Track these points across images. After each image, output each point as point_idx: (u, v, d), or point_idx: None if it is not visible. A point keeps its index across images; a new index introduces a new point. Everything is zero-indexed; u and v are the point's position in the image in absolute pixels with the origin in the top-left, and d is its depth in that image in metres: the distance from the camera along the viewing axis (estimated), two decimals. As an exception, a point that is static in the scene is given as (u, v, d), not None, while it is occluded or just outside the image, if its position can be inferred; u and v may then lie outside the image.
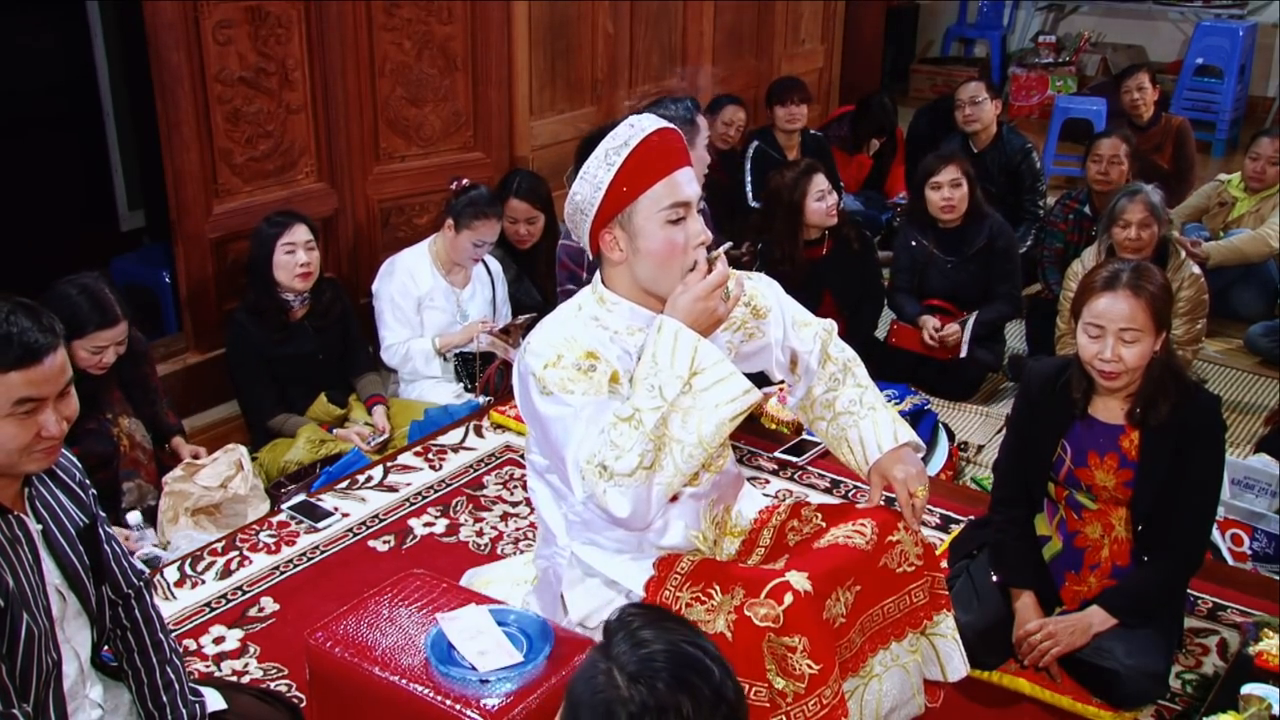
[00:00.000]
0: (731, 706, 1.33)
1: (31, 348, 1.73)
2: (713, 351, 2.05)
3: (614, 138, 2.07)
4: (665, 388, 2.01)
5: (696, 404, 2.02)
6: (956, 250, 4.44)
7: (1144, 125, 5.68)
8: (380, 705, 2.10)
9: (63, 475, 1.94)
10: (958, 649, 2.28)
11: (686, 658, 1.33)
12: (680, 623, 1.41)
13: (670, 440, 2.02)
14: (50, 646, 1.84)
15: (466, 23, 4.60)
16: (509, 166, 4.78)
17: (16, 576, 1.77)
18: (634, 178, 2.05)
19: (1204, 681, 2.67)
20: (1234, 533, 3.28)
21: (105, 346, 3.12)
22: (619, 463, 1.99)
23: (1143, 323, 2.43)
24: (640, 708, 1.29)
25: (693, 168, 2.14)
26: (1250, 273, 4.92)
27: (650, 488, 2.01)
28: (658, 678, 1.30)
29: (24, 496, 1.85)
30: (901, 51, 9.39)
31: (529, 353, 2.12)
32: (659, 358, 2.03)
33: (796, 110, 5.55)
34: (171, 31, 3.76)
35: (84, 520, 1.93)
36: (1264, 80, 8.44)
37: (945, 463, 3.75)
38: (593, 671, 1.34)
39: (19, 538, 1.80)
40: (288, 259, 3.69)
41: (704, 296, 2.04)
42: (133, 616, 2.05)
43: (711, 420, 2.02)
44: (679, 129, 2.14)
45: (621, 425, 2.01)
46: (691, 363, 2.02)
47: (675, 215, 2.07)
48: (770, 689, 1.95)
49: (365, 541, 3.17)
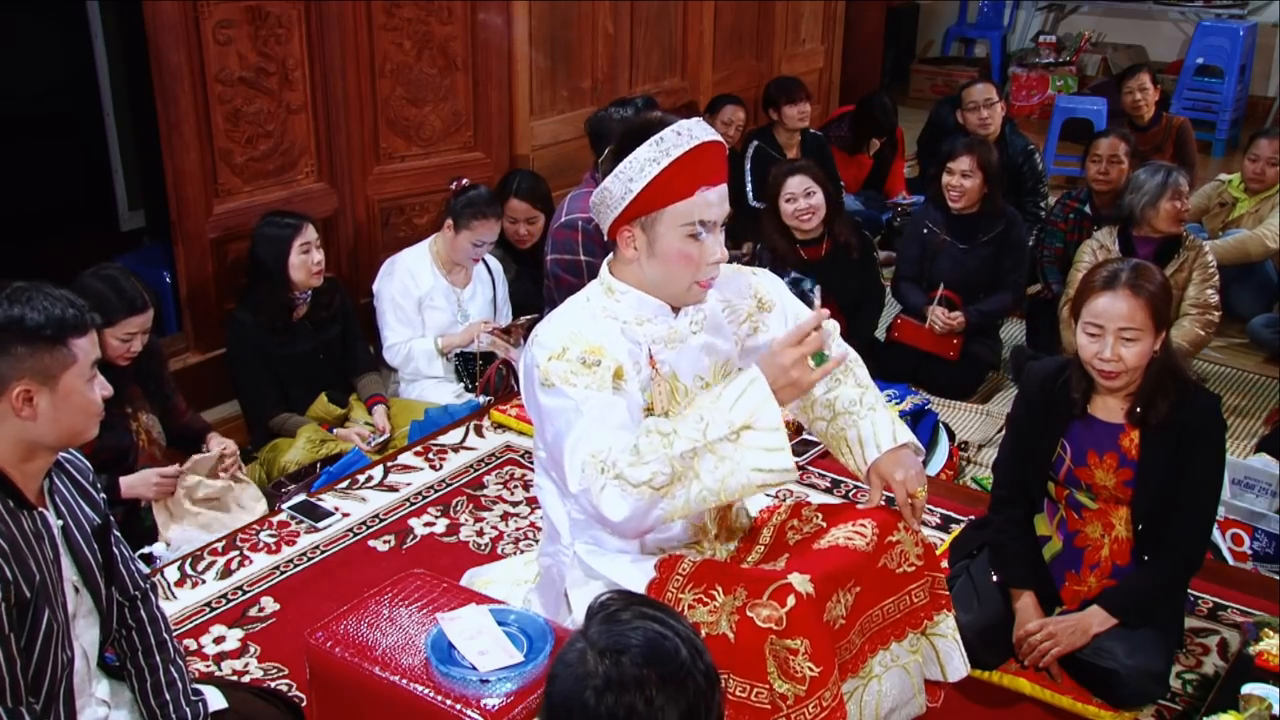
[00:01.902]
0: (700, 687, 1.36)
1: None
2: (774, 417, 2.00)
3: (660, 142, 2.05)
4: (712, 426, 1.98)
5: (734, 456, 1.99)
6: (969, 237, 4.45)
7: (1145, 125, 5.68)
8: (380, 705, 2.10)
9: (76, 474, 1.96)
10: (958, 649, 2.28)
11: (656, 638, 1.37)
12: (659, 608, 1.44)
13: (692, 476, 1.99)
14: (65, 643, 1.86)
15: (466, 22, 4.60)
16: (509, 166, 4.78)
17: (41, 571, 1.79)
18: (667, 188, 2.05)
19: (1204, 681, 2.67)
20: (1234, 533, 3.28)
21: (134, 334, 3.16)
22: (632, 469, 1.98)
23: (1142, 322, 2.43)
24: (605, 682, 1.33)
25: (726, 187, 2.13)
26: (1248, 272, 4.92)
27: (652, 507, 2.00)
28: (625, 655, 1.34)
29: (44, 492, 1.87)
30: (901, 51, 9.39)
31: (535, 344, 2.13)
32: (724, 396, 2.01)
33: (805, 107, 5.57)
34: (171, 31, 3.76)
35: (97, 520, 1.95)
36: (1264, 80, 8.44)
37: (945, 463, 3.75)
38: (568, 649, 1.39)
39: (41, 533, 1.82)
40: (304, 259, 3.70)
41: (791, 366, 2.02)
42: (138, 617, 2.06)
43: (740, 478, 1.99)
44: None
45: (653, 437, 2.00)
46: (750, 417, 1.99)
47: (697, 231, 2.08)
48: (771, 691, 1.95)
49: (365, 541, 3.17)
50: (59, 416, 1.80)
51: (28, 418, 1.77)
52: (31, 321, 1.75)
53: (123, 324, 3.12)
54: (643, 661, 1.34)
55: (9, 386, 1.75)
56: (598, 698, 1.32)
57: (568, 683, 1.35)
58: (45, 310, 1.77)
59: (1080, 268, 4.23)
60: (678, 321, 2.20)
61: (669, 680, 1.34)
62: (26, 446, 1.80)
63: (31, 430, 1.78)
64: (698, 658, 1.38)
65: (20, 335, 1.75)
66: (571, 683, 1.35)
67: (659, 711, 1.32)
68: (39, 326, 1.76)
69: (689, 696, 1.35)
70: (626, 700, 1.32)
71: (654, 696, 1.32)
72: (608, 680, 1.33)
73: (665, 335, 2.19)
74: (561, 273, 3.75)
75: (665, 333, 2.19)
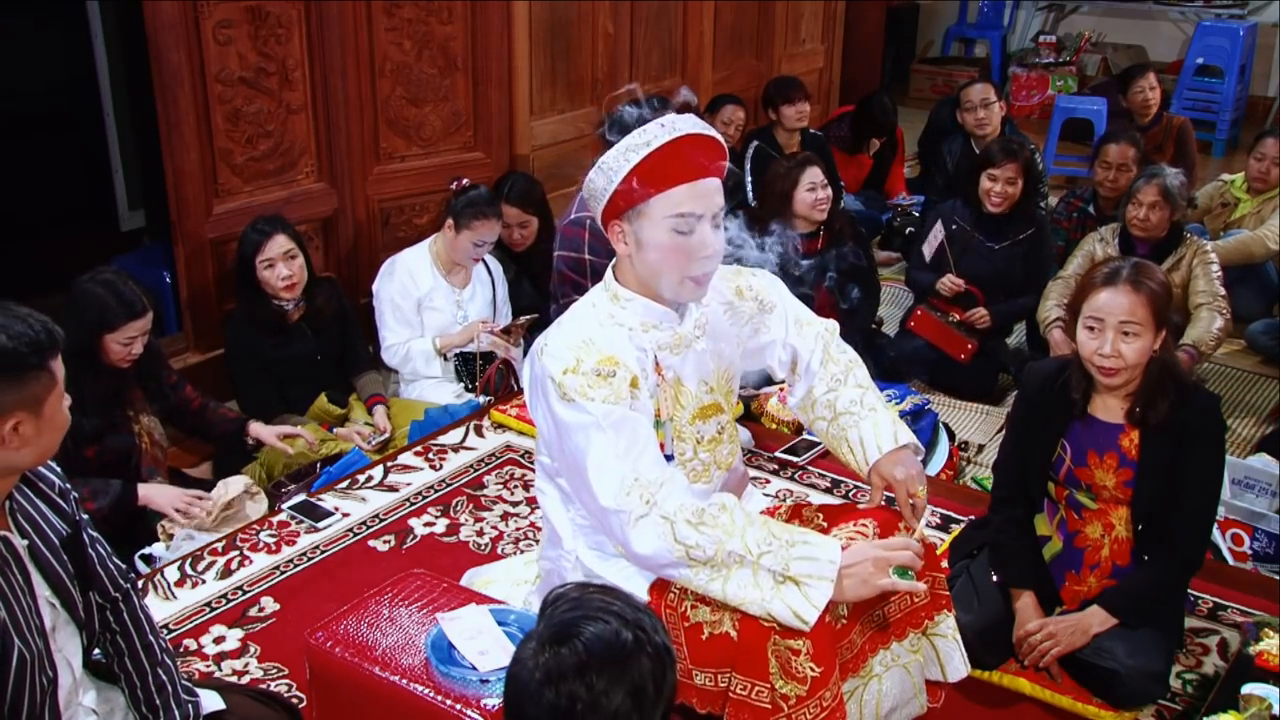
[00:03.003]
0: (646, 668, 1.40)
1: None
2: (822, 597, 1.95)
3: (641, 134, 2.03)
4: (771, 556, 1.96)
5: (766, 592, 1.96)
6: (998, 236, 4.45)
7: (1146, 125, 5.68)
8: (380, 705, 2.10)
9: (43, 486, 1.89)
10: (958, 649, 2.28)
11: (599, 625, 1.41)
12: (610, 593, 1.48)
13: (725, 574, 1.98)
14: (45, 666, 1.81)
15: (466, 23, 4.60)
16: (509, 166, 4.78)
17: (7, 601, 1.74)
18: (649, 178, 2.03)
19: (1204, 681, 2.67)
20: (1234, 533, 3.28)
21: (135, 338, 3.17)
22: (683, 525, 1.98)
23: (1143, 317, 2.43)
24: (546, 675, 1.38)
25: (719, 181, 2.09)
26: (1248, 273, 4.92)
27: (673, 565, 2.00)
28: (565, 645, 1.39)
29: (6, 512, 1.80)
30: (901, 51, 9.40)
31: (546, 355, 2.09)
32: (803, 541, 1.98)
33: (803, 107, 5.57)
34: (172, 31, 3.77)
35: (66, 530, 1.89)
36: (1264, 80, 8.45)
37: (945, 463, 3.75)
38: (521, 646, 1.44)
39: (7, 558, 1.76)
40: (268, 274, 3.69)
41: (874, 561, 1.99)
42: (121, 620, 2.02)
43: (754, 608, 1.97)
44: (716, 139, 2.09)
45: (723, 515, 1.99)
46: (805, 578, 1.96)
47: (684, 226, 2.04)
48: (772, 690, 1.96)
49: (365, 541, 3.17)
50: (41, 439, 1.75)
51: (13, 448, 1.71)
52: (12, 351, 1.67)
53: (124, 329, 3.12)
54: (583, 649, 1.38)
55: (2, 422, 1.69)
56: (541, 689, 1.38)
57: (519, 679, 1.40)
58: (21, 335, 1.69)
59: (1081, 254, 4.27)
60: (682, 327, 2.20)
61: (610, 664, 1.38)
62: (2, 473, 1.76)
63: (13, 458, 1.73)
64: (645, 638, 1.41)
65: (5, 369, 1.68)
66: (521, 678, 1.40)
67: (601, 695, 1.37)
68: (21, 355, 1.68)
69: (633, 678, 1.39)
70: (567, 689, 1.37)
71: (594, 682, 1.37)
72: (548, 673, 1.38)
73: (670, 341, 2.19)
74: (566, 269, 3.76)
75: (670, 339, 2.19)
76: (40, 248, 5.22)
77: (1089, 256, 4.24)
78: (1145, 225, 4.06)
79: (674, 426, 2.22)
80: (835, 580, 1.95)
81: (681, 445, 2.24)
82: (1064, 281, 4.25)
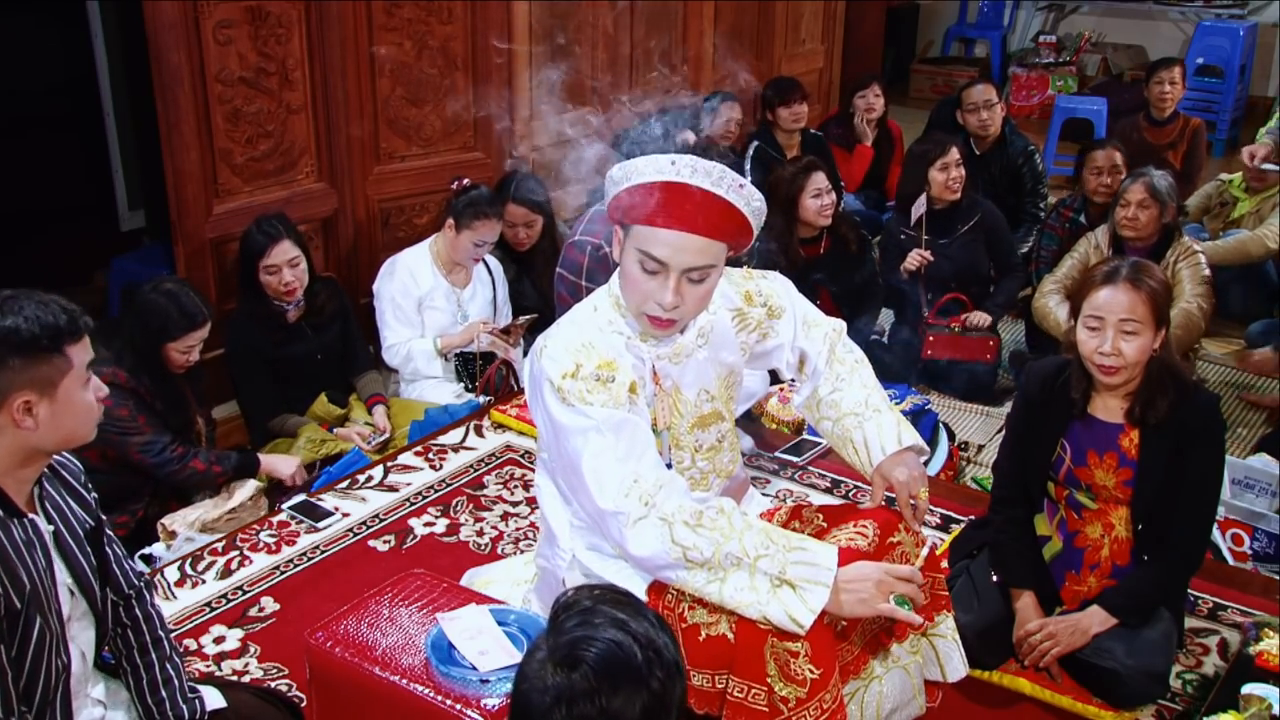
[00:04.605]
0: (657, 689, 1.39)
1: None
2: (818, 602, 1.95)
3: (655, 161, 2.01)
4: (769, 559, 1.96)
5: (762, 595, 1.96)
6: (948, 230, 4.50)
7: (1163, 120, 5.68)
8: (380, 705, 2.10)
9: (68, 476, 1.95)
10: (957, 649, 2.28)
11: (612, 646, 1.39)
12: (624, 604, 1.46)
13: (721, 575, 1.98)
14: (61, 649, 1.85)
15: (466, 23, 4.60)
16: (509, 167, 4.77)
17: (32, 579, 1.78)
18: (636, 206, 2.02)
19: (1204, 681, 2.67)
20: (1234, 533, 3.28)
21: (194, 346, 3.31)
22: (681, 527, 1.98)
23: (1142, 315, 2.44)
24: (557, 696, 1.36)
25: (707, 242, 2.02)
26: (1247, 272, 4.92)
27: (670, 567, 2.01)
28: (577, 670, 1.37)
29: (35, 498, 1.86)
30: (901, 51, 9.40)
31: (545, 357, 2.10)
32: (800, 547, 1.98)
33: (800, 109, 5.56)
34: (172, 31, 3.76)
35: (90, 522, 1.94)
36: (1264, 80, 8.44)
37: (945, 463, 3.75)
38: (530, 657, 1.43)
39: (33, 540, 1.81)
40: (270, 279, 3.70)
41: (875, 582, 1.98)
42: (133, 615, 2.06)
43: (750, 611, 1.97)
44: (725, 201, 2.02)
45: (720, 519, 2.00)
46: (801, 582, 1.95)
47: (649, 265, 2.03)
48: (770, 693, 1.95)
49: (365, 541, 3.17)
50: (59, 423, 1.79)
51: (29, 428, 1.76)
52: (26, 332, 1.74)
53: (185, 339, 3.25)
54: (595, 673, 1.37)
55: (8, 399, 1.74)
56: (551, 711, 1.36)
57: (528, 698, 1.39)
58: (38, 319, 1.75)
59: (1074, 257, 4.30)
60: (684, 337, 2.20)
61: (622, 685, 1.37)
62: (25, 454, 1.80)
63: (31, 439, 1.78)
64: (656, 656, 1.40)
65: (15, 347, 1.73)
66: (531, 694, 1.39)
67: (615, 716, 1.36)
68: (34, 337, 1.74)
69: (644, 698, 1.38)
70: (578, 711, 1.36)
71: (607, 704, 1.36)
72: (559, 694, 1.36)
73: (670, 352, 2.19)
74: (563, 290, 3.76)
75: (670, 350, 2.19)
76: (41, 248, 5.23)
77: (1082, 259, 4.25)
78: (1134, 225, 4.08)
79: (672, 435, 2.22)
80: (832, 587, 1.95)
81: (680, 453, 2.24)
82: (1057, 278, 4.30)
